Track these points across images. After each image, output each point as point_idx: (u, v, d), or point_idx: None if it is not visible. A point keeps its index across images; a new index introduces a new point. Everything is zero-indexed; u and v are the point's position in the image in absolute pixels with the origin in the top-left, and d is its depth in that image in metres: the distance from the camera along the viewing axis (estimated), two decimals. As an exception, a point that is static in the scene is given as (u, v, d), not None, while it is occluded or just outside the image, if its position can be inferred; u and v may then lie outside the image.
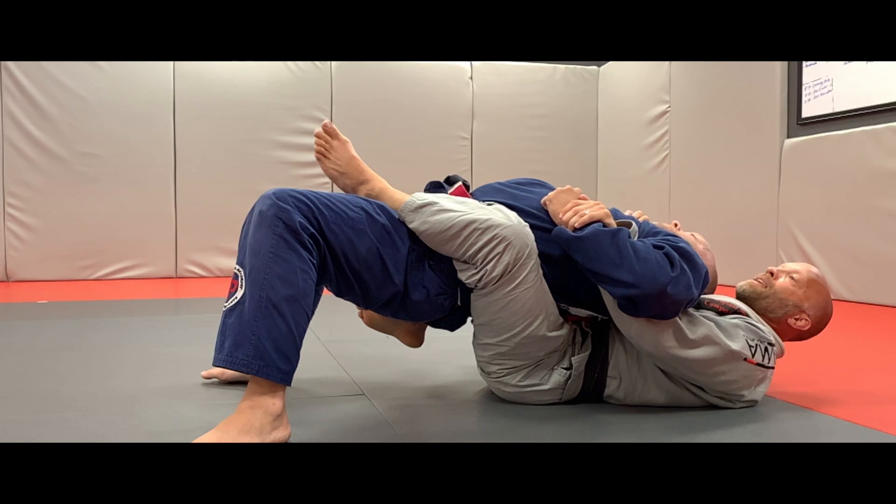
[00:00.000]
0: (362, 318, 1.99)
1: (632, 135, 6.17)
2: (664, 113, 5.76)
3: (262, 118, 5.83)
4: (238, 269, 1.45)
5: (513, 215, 1.62)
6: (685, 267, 1.54)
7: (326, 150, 1.79)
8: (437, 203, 1.60)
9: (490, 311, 1.64)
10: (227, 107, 5.75)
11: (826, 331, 2.76)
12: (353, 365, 2.25)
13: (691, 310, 1.69)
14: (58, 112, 5.40)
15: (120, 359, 2.34)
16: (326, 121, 1.81)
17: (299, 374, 2.08)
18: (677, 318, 1.60)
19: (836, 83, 4.30)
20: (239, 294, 1.42)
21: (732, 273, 4.87)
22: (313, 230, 1.47)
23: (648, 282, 1.49)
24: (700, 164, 5.38)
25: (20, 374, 2.10)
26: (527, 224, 1.62)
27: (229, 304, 1.42)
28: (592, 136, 6.71)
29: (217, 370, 1.98)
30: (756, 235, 4.84)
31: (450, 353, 2.40)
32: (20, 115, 5.33)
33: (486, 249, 1.56)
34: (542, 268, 1.64)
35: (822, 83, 4.40)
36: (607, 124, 6.55)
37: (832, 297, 4.16)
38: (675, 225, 1.97)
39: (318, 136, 1.79)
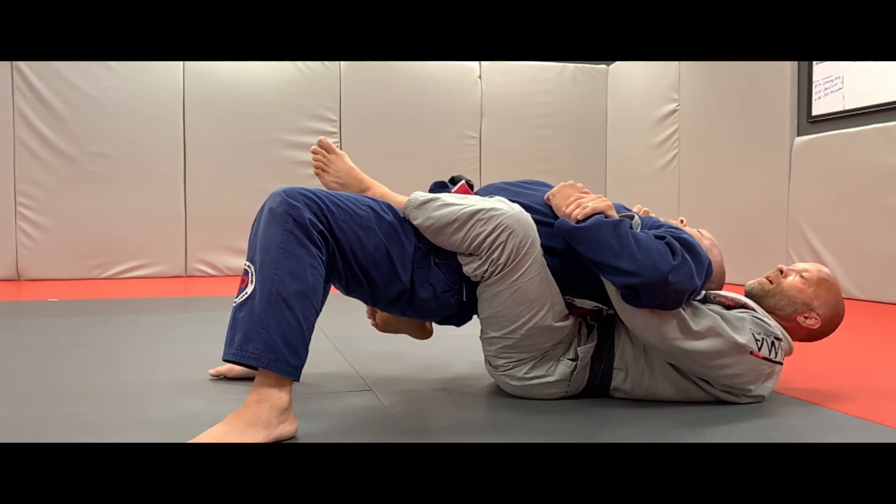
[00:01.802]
0: (376, 326, 2.01)
1: (641, 133, 6.15)
2: (673, 111, 5.75)
3: (272, 117, 5.85)
4: (248, 266, 1.46)
5: (514, 205, 1.64)
6: (686, 256, 1.55)
7: (325, 164, 1.85)
8: (439, 198, 1.64)
9: (496, 303, 1.65)
10: (237, 106, 5.78)
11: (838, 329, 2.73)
12: (361, 361, 2.26)
13: (696, 302, 1.69)
14: (68, 112, 5.44)
15: (129, 355, 2.36)
16: (322, 137, 1.88)
17: (307, 369, 2.08)
18: (681, 310, 1.60)
19: (847, 80, 4.28)
20: (249, 289, 1.43)
21: (742, 271, 4.85)
22: (322, 227, 1.50)
23: (650, 270, 1.50)
24: (709, 162, 5.36)
25: (31, 370, 2.12)
26: (528, 215, 1.64)
27: (240, 300, 1.44)
28: (601, 134, 6.69)
29: (224, 367, 1.99)
30: (766, 234, 4.82)
31: (458, 349, 2.40)
32: (31, 115, 5.37)
33: (491, 238, 1.58)
34: (546, 260, 1.66)
35: (832, 81, 4.37)
36: (616, 123, 6.54)
37: (846, 297, 4.16)
38: (682, 222, 1.97)
39: (314, 152, 1.86)
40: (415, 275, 1.63)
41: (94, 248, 5.53)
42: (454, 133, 6.31)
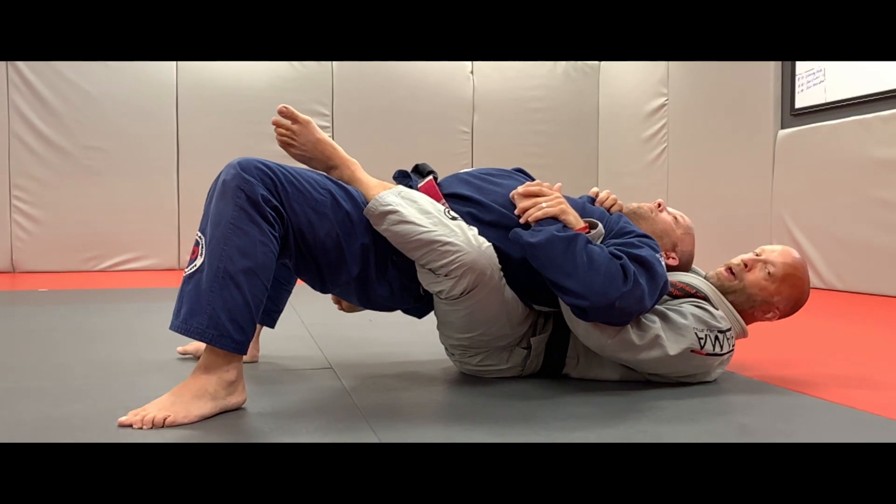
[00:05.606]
0: (342, 309, 1.96)
1: (632, 128, 6.18)
2: (662, 106, 5.77)
3: (264, 113, 5.87)
4: (199, 237, 1.47)
5: (472, 235, 1.57)
6: (640, 279, 1.52)
7: (290, 136, 1.70)
8: (399, 212, 1.54)
9: (451, 317, 1.66)
10: (230, 101, 5.83)
11: (813, 318, 2.75)
12: (330, 344, 2.31)
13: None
14: (63, 107, 5.50)
15: (107, 338, 2.41)
16: (282, 105, 1.70)
17: (273, 350, 2.13)
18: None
19: (829, 73, 4.30)
20: (198, 262, 1.44)
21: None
22: (276, 203, 1.48)
23: (597, 295, 1.49)
24: (697, 155, 5.40)
25: (10, 350, 2.18)
26: (490, 245, 1.59)
27: (189, 271, 1.45)
28: (593, 129, 6.72)
29: (192, 346, 2.04)
30: (750, 225, 4.85)
31: (429, 334, 2.43)
32: (27, 109, 5.44)
33: (444, 270, 1.54)
34: (504, 268, 1.62)
35: (814, 73, 4.40)
36: (608, 118, 6.57)
37: (826, 287, 4.18)
38: (659, 205, 1.94)
39: (276, 123, 1.69)
40: (372, 272, 1.61)
41: (89, 241, 5.59)
42: (446, 128, 6.35)
